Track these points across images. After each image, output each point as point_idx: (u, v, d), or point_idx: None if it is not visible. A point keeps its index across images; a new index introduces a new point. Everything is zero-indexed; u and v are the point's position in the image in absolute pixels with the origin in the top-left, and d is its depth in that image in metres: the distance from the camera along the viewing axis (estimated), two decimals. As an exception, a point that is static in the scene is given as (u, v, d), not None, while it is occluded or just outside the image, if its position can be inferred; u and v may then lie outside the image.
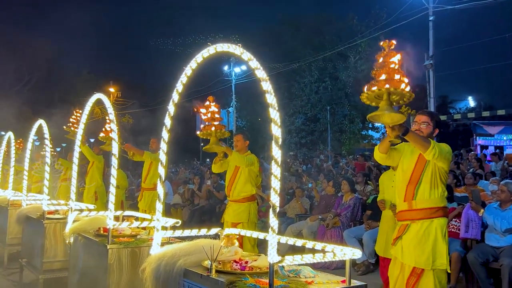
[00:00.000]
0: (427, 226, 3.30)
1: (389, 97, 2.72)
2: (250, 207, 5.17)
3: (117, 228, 4.00)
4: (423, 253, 3.27)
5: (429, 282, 3.26)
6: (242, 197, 5.17)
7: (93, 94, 4.48)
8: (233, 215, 5.20)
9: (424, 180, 3.34)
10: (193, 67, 2.92)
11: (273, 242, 2.15)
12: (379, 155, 3.45)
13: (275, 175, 2.20)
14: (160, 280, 2.72)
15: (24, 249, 6.21)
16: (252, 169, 5.17)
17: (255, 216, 5.21)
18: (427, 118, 3.45)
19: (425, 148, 3.19)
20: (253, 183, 5.23)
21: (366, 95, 2.78)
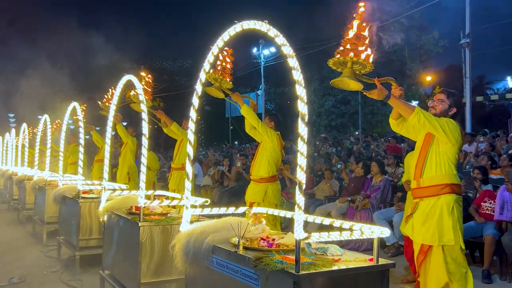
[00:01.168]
0: (434, 203, 3.31)
1: (352, 66, 2.93)
2: (267, 187, 5.14)
3: (148, 206, 4.10)
4: (429, 230, 3.28)
5: (438, 258, 3.25)
6: (260, 177, 5.18)
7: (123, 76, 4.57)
8: (250, 194, 5.26)
9: (430, 158, 3.37)
10: (220, 45, 2.92)
11: (299, 219, 2.16)
12: (390, 120, 3.60)
13: (301, 152, 2.19)
14: (189, 255, 2.78)
15: (61, 227, 6.46)
16: (272, 147, 5.14)
17: (273, 197, 5.17)
18: (444, 96, 3.49)
19: (408, 114, 3.27)
20: (273, 164, 5.19)
21: (333, 61, 2.98)
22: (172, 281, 3.75)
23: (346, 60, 2.91)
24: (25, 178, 9.68)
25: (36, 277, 5.44)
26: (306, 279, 2.12)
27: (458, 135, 3.33)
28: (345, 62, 2.94)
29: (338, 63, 2.98)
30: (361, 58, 2.86)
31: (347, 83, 3.00)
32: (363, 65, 2.93)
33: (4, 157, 15.55)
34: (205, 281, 2.83)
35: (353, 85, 3.02)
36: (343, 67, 2.98)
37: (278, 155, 5.24)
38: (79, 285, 4.95)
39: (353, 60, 2.89)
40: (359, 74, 2.99)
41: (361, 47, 2.89)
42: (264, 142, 5.23)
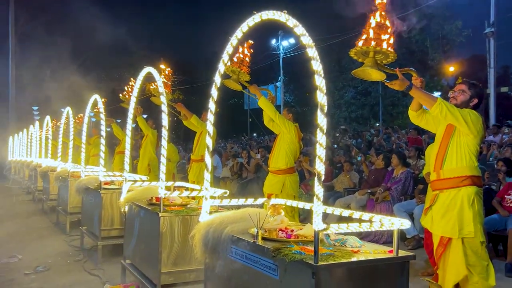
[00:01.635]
0: (454, 195, 3.27)
1: (374, 56, 2.88)
2: (285, 179, 5.15)
3: (168, 197, 4.15)
4: (449, 222, 3.24)
5: (458, 251, 3.21)
6: (277, 168, 5.20)
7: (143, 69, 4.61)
8: (268, 185, 5.28)
9: (451, 149, 3.33)
10: (239, 36, 2.91)
11: (318, 210, 2.15)
12: (410, 112, 3.57)
13: (320, 143, 2.18)
14: (208, 246, 2.80)
15: (84, 217, 6.60)
16: (290, 138, 5.14)
17: (291, 188, 5.17)
18: (465, 87, 3.45)
19: (430, 104, 3.23)
20: (291, 155, 5.19)
21: (355, 51, 2.91)
22: (192, 271, 3.79)
23: (368, 49, 2.85)
24: (48, 170, 9.89)
25: (60, 265, 5.58)
26: (324, 270, 2.12)
27: (480, 126, 3.27)
28: (367, 52, 2.88)
29: (360, 53, 2.93)
30: (383, 47, 2.81)
31: (368, 73, 2.95)
32: (385, 54, 2.87)
33: (29, 149, 15.93)
34: (224, 271, 2.85)
35: (375, 75, 2.97)
36: (365, 57, 2.92)
37: (296, 147, 5.24)
38: (101, 274, 5.05)
39: (375, 50, 2.83)
40: (381, 64, 2.92)
41: (384, 36, 2.83)
42: (282, 134, 5.24)
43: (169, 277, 3.73)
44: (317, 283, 2.09)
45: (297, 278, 2.20)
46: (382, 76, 2.98)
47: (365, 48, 2.84)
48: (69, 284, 4.82)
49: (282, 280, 2.29)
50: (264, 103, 5.11)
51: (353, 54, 2.95)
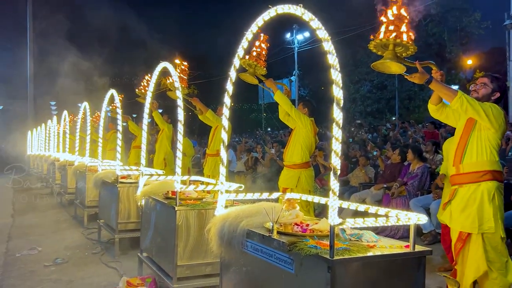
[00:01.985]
0: (474, 190, 3.22)
1: (394, 48, 2.83)
2: (301, 173, 5.14)
3: (184, 191, 4.18)
4: (469, 217, 3.20)
5: (478, 247, 3.17)
6: (293, 163, 5.19)
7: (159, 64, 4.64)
8: (283, 180, 5.27)
9: (471, 143, 3.29)
10: (254, 31, 2.91)
11: (334, 205, 2.15)
12: (429, 106, 3.52)
13: (336, 138, 2.17)
14: (224, 239, 2.82)
15: (101, 211, 6.70)
16: (306, 133, 5.13)
17: (307, 183, 5.16)
18: (487, 80, 3.40)
19: (451, 98, 3.18)
20: (306, 150, 5.18)
21: (374, 43, 2.86)
22: (208, 264, 3.83)
23: (388, 42, 2.80)
24: (66, 164, 10.06)
25: (78, 258, 5.68)
26: (340, 264, 2.11)
27: (501, 120, 3.21)
28: (386, 45, 2.83)
29: (380, 46, 2.88)
30: (403, 39, 2.76)
31: (388, 66, 2.91)
32: (405, 47, 2.82)
33: (47, 144, 16.20)
34: (239, 264, 2.88)
35: (394, 68, 2.93)
36: (384, 50, 2.87)
37: (311, 141, 5.23)
38: (118, 267, 5.13)
39: (395, 42, 2.78)
40: (400, 56, 2.88)
41: (403, 28, 2.77)
42: (297, 128, 5.23)
43: (185, 270, 3.76)
44: (332, 278, 2.09)
45: (312, 272, 2.21)
46: (402, 69, 2.94)
47: (385, 40, 2.79)
48: (87, 276, 4.91)
49: (298, 274, 2.29)
50: (280, 97, 5.10)
51: (372, 47, 2.90)
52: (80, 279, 4.81)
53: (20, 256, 5.85)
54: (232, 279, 3.03)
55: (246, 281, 2.83)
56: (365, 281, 2.23)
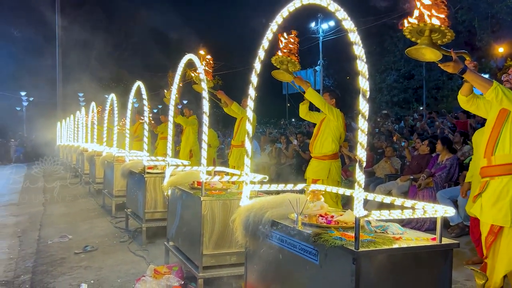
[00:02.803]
0: (506, 182, 3.14)
1: (430, 34, 2.68)
2: (331, 165, 5.14)
3: (209, 182, 4.23)
4: (501, 210, 3.12)
5: (510, 240, 3.10)
6: (323, 154, 5.17)
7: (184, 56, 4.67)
8: (313, 171, 5.25)
9: (503, 135, 3.19)
10: (279, 22, 2.90)
11: (360, 197, 2.14)
12: (460, 97, 3.43)
13: (362, 129, 2.16)
14: (249, 229, 2.86)
15: (128, 200, 6.85)
16: (336, 125, 5.11)
17: (337, 174, 5.17)
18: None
19: (486, 88, 3.08)
20: (336, 141, 5.17)
21: (410, 29, 2.70)
22: (233, 254, 3.87)
23: (424, 27, 2.64)
24: (95, 154, 10.30)
25: (107, 246, 5.84)
26: (365, 256, 2.11)
27: None
28: (422, 30, 2.70)
29: (415, 32, 2.73)
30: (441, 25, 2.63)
31: (422, 52, 2.77)
32: (443, 33, 2.68)
33: (76, 134, 16.60)
34: (264, 254, 2.90)
35: (429, 55, 2.79)
36: (420, 36, 2.72)
37: (341, 133, 5.24)
38: (146, 255, 5.25)
39: (432, 28, 2.62)
40: (436, 43, 2.75)
41: (440, 14, 2.60)
42: (327, 120, 5.22)
43: (210, 259, 3.83)
44: (357, 269, 2.09)
45: (337, 264, 2.21)
46: (438, 56, 2.82)
47: (422, 25, 2.63)
48: (116, 263, 5.04)
49: (322, 265, 2.30)
50: (312, 94, 5.02)
51: (408, 33, 2.75)
52: (109, 266, 4.95)
53: (51, 244, 6.06)
54: (257, 269, 3.06)
55: (271, 270, 2.86)
56: (391, 274, 2.22)
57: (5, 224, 7.65)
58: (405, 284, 2.26)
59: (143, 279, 3.82)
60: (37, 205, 9.43)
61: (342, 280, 2.16)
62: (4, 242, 6.40)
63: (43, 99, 31.64)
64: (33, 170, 14.60)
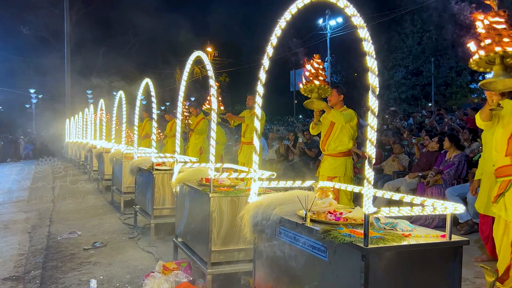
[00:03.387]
0: None
1: (503, 61, 2.35)
2: (346, 161, 5.19)
3: (218, 178, 4.24)
4: None
5: None
6: (339, 151, 5.18)
7: (192, 53, 4.68)
8: (329, 169, 5.21)
9: None
10: (288, 18, 2.89)
11: (369, 194, 2.13)
12: (483, 124, 3.38)
13: (371, 126, 2.15)
14: (257, 226, 2.86)
15: (137, 197, 6.89)
16: (352, 126, 5.14)
17: (351, 171, 5.22)
18: None
19: None
20: (353, 139, 5.24)
21: (477, 61, 2.41)
22: (241, 250, 3.88)
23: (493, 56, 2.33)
24: (103, 151, 10.36)
25: (116, 242, 5.88)
26: (374, 253, 2.11)
27: None
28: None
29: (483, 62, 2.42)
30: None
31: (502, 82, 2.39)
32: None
33: (84, 131, 16.71)
34: (272, 251, 2.91)
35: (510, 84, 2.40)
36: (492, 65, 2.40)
37: (355, 131, 5.27)
38: (154, 251, 5.28)
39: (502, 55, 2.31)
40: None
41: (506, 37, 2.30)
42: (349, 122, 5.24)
43: (219, 255, 3.84)
44: (366, 266, 2.09)
45: (346, 260, 2.21)
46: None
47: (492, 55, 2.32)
48: (125, 259, 5.08)
49: (331, 261, 2.30)
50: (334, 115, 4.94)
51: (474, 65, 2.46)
52: (118, 262, 4.99)
53: (61, 240, 6.11)
54: (265, 265, 3.07)
55: (279, 267, 2.87)
56: (400, 270, 2.22)
57: (15, 220, 7.73)
58: (415, 281, 2.26)
59: (152, 275, 3.84)
60: (46, 202, 9.52)
61: (351, 277, 2.17)
62: (15, 238, 6.48)
63: (52, 97, 31.87)
64: (37, 169, 14.75)
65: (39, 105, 37.08)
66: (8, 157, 25.04)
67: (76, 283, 4.40)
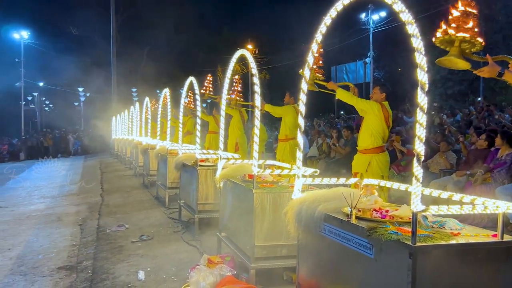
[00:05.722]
0: None
1: (460, 45, 2.75)
2: (372, 158, 5.11)
3: (260, 175, 4.30)
4: None
5: None
6: (364, 148, 5.17)
7: (235, 51, 4.75)
8: (355, 164, 5.30)
9: None
10: (333, 15, 2.89)
11: (417, 191, 2.11)
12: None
13: (420, 122, 2.12)
14: (301, 222, 2.89)
15: (181, 192, 7.07)
16: (374, 118, 5.03)
17: (379, 168, 5.09)
18: None
19: None
20: (377, 134, 5.09)
21: (439, 40, 2.78)
22: (283, 246, 3.92)
23: (453, 38, 2.74)
24: (148, 147, 10.67)
25: (161, 235, 6.07)
26: (422, 251, 2.09)
27: None
28: (452, 41, 2.75)
29: (445, 42, 2.79)
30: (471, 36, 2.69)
31: (454, 62, 2.82)
32: (472, 43, 2.73)
33: (130, 128, 17.26)
34: (317, 247, 2.93)
35: (461, 65, 2.84)
36: (450, 46, 2.80)
37: (382, 126, 5.14)
38: (198, 245, 5.41)
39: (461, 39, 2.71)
40: (468, 52, 2.79)
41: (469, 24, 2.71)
42: (364, 114, 5.21)
43: (262, 250, 3.89)
44: (414, 264, 2.07)
45: (393, 258, 2.20)
46: (468, 65, 2.85)
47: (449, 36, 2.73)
48: (170, 252, 5.24)
49: (377, 259, 2.30)
50: (341, 94, 5.23)
51: (438, 43, 2.81)
52: (164, 255, 5.15)
53: (110, 232, 6.38)
54: (309, 261, 3.09)
55: (323, 263, 2.88)
56: (448, 270, 2.18)
57: (67, 213, 8.13)
58: (464, 281, 2.21)
59: (198, 268, 3.94)
60: (95, 195, 9.95)
61: (397, 275, 2.15)
62: (67, 230, 6.82)
63: (99, 95, 33.09)
64: (91, 162, 15.33)
65: (87, 103, 38.63)
66: (59, 153, 26.30)
67: (125, 273, 4.59)
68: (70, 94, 39.57)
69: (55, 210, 8.48)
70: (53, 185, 12.32)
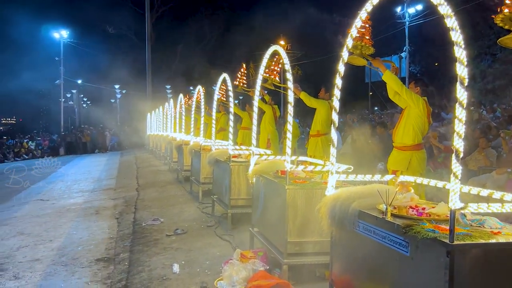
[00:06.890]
0: None
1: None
2: (412, 156, 4.88)
3: (293, 171, 4.29)
4: None
5: None
6: (404, 144, 4.93)
7: (268, 47, 4.76)
8: (392, 162, 5.05)
9: None
10: (369, 9, 2.85)
11: (456, 189, 2.06)
12: None
13: (459, 118, 2.07)
14: (335, 219, 2.87)
15: (214, 187, 7.16)
16: (417, 113, 4.85)
17: (419, 165, 4.90)
18: None
19: None
20: (419, 131, 4.90)
21: (502, 17, 2.59)
22: (316, 242, 3.91)
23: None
24: (182, 143, 10.84)
25: (195, 230, 6.17)
26: (460, 250, 2.04)
27: None
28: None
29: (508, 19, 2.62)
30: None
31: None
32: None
33: (164, 125, 17.58)
34: (350, 244, 2.91)
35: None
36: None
37: (424, 122, 4.95)
38: (231, 240, 5.47)
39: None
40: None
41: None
42: (408, 108, 4.99)
43: (294, 246, 3.90)
44: (451, 263, 2.03)
45: (429, 256, 2.16)
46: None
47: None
48: (204, 246, 5.32)
49: (414, 257, 2.26)
50: (389, 76, 4.88)
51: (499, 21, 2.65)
52: (197, 249, 5.24)
53: (145, 226, 6.53)
54: (343, 258, 3.07)
55: (357, 260, 2.86)
56: (487, 270, 2.12)
57: (105, 207, 8.38)
58: (503, 282, 2.14)
59: (231, 262, 3.99)
60: (131, 190, 10.20)
61: (434, 273, 2.11)
62: (105, 223, 7.04)
63: (135, 92, 33.85)
64: (127, 157, 15.68)
65: (123, 100, 39.58)
66: (97, 148, 27.10)
67: (160, 266, 4.70)
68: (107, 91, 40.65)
69: (93, 204, 8.76)
70: (91, 180, 12.72)
